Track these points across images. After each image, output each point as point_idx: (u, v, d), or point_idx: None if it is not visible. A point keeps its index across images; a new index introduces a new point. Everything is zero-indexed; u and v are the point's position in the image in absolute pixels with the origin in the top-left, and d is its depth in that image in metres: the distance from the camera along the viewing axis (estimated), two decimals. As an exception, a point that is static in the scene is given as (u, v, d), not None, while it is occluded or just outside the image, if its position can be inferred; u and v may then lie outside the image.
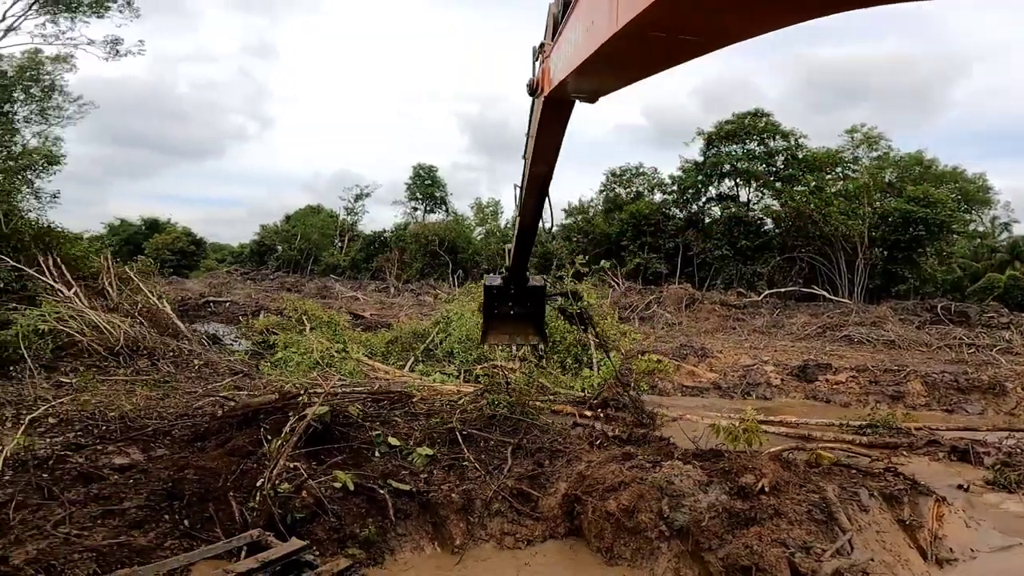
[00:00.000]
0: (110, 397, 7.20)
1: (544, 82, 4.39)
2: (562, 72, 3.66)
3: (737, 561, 4.34)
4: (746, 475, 5.15)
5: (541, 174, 5.72)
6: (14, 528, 4.37)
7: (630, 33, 2.22)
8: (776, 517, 4.73)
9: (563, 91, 3.90)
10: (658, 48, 2.41)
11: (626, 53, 2.61)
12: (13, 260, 10.52)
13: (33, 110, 27.93)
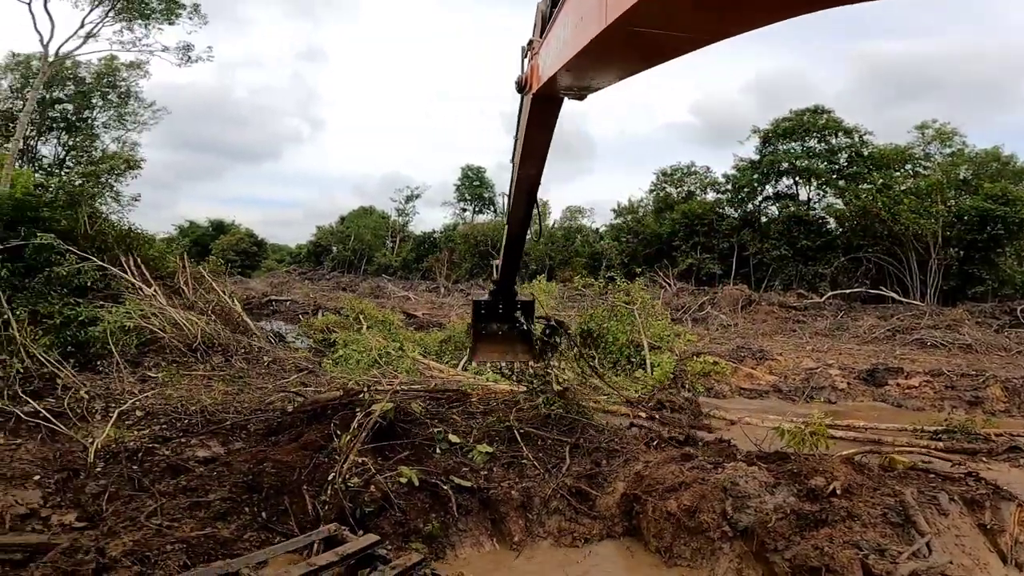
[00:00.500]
0: (191, 392, 7.66)
1: (533, 79, 4.38)
2: (551, 69, 3.65)
3: (806, 562, 4.28)
4: (816, 477, 5.05)
5: (530, 176, 5.60)
6: (107, 519, 4.65)
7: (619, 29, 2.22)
8: (849, 519, 4.62)
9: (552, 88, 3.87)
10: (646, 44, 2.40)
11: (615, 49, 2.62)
12: (98, 260, 11.31)
13: (111, 116, 29.91)
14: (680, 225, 39.36)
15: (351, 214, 65.61)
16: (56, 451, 5.75)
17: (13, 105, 28.31)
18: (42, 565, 3.88)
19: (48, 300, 9.27)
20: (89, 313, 9.27)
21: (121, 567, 3.86)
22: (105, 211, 17.41)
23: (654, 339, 13.02)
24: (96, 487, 5.10)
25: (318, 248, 65.76)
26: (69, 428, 6.22)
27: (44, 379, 7.41)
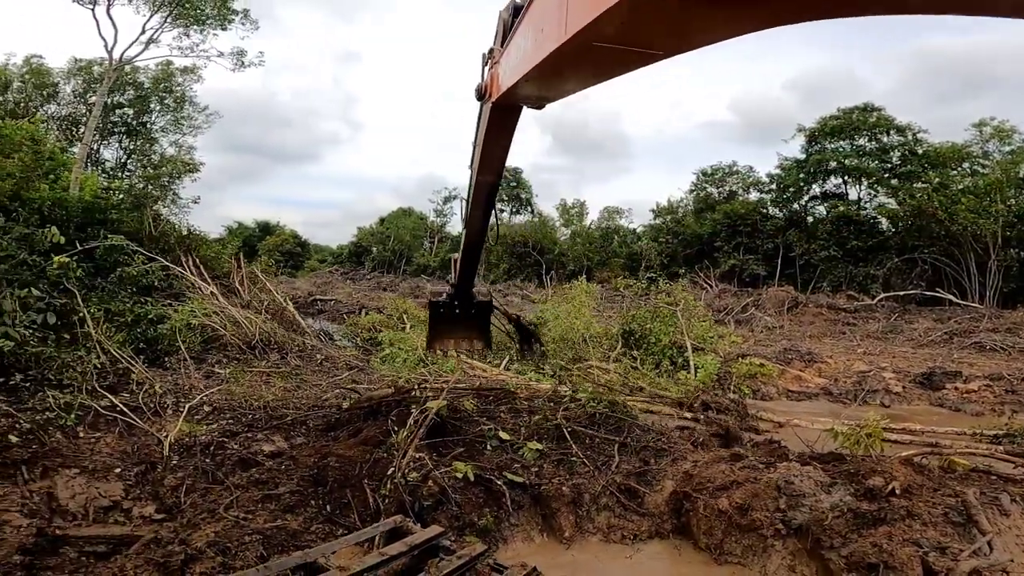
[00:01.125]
0: (252, 388, 8.01)
1: (492, 88, 4.41)
2: (511, 78, 3.68)
3: (863, 558, 4.29)
4: (874, 477, 5.06)
5: (488, 183, 5.66)
6: (186, 511, 4.87)
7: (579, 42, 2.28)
8: (908, 518, 4.62)
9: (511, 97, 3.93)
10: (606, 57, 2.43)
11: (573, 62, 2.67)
12: (164, 260, 11.93)
13: (168, 120, 31.08)
14: (722, 225, 38.64)
15: (390, 215, 66.73)
16: (133, 444, 6.02)
17: (76, 110, 29.84)
18: (132, 557, 4.08)
19: (119, 299, 9.85)
20: (157, 311, 9.80)
21: (205, 558, 4.03)
22: (165, 213, 18.30)
23: (697, 340, 12.88)
24: (173, 480, 5.33)
25: (359, 249, 67.09)
26: (144, 422, 6.52)
27: (118, 375, 7.83)
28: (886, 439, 7.19)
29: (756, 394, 11.68)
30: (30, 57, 28.73)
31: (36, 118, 24.08)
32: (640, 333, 13.02)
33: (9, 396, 6.51)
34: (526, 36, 3.24)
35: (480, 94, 4.67)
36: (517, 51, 3.51)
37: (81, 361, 7.56)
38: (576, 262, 45.26)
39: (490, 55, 4.43)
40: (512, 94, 3.76)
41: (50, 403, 6.41)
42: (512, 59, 3.65)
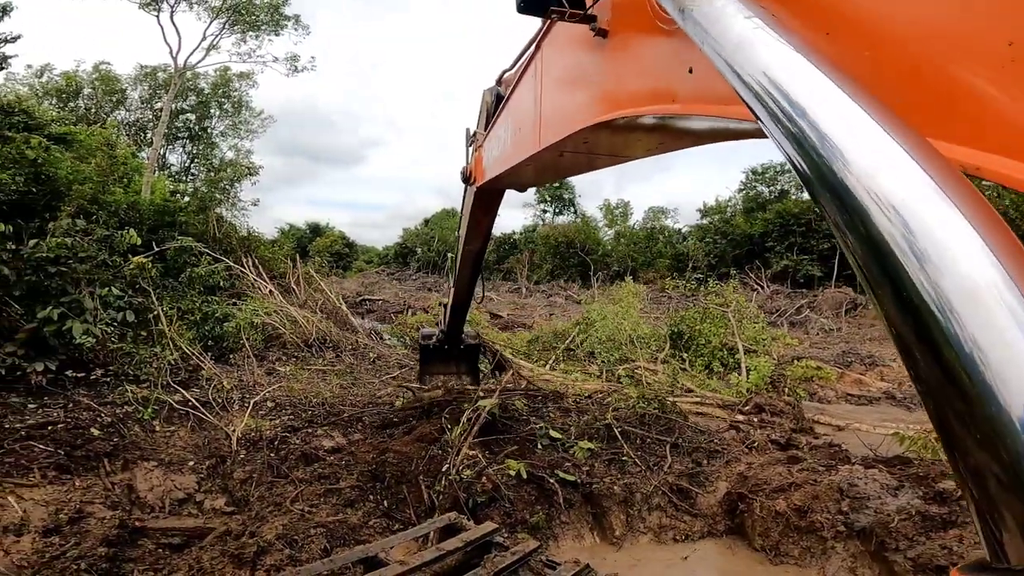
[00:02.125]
0: (310, 384, 8.30)
1: (477, 173, 4.68)
2: (494, 170, 3.99)
3: (931, 560, 4.26)
4: (945, 481, 5.00)
5: (475, 250, 5.87)
6: (254, 504, 5.06)
7: (553, 151, 2.64)
8: None
9: (495, 184, 4.25)
10: (578, 160, 2.83)
11: (550, 164, 3.02)
12: (228, 261, 12.54)
13: (228, 125, 32.45)
14: (774, 225, 37.48)
15: (435, 216, 67.61)
16: (204, 438, 6.27)
17: (143, 115, 31.48)
18: (208, 549, 4.29)
19: (188, 298, 10.41)
20: (223, 310, 10.30)
21: (275, 550, 4.18)
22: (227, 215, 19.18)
23: (749, 342, 12.57)
24: (242, 473, 5.55)
25: (404, 249, 68.25)
26: (213, 417, 6.78)
27: (189, 370, 8.24)
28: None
29: (812, 397, 11.34)
30: (99, 64, 30.36)
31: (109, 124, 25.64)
32: (689, 334, 12.82)
33: (91, 390, 6.94)
34: (506, 128, 3.57)
35: (465, 178, 4.98)
36: (498, 143, 3.84)
37: (156, 357, 8.02)
38: (620, 263, 44.76)
39: (474, 137, 4.70)
40: (496, 182, 4.11)
41: (129, 397, 6.81)
42: (494, 151, 3.99)
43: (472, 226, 5.39)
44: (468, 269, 6.18)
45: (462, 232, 5.81)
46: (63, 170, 10.75)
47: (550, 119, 2.60)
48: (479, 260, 6.04)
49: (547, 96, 2.66)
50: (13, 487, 4.70)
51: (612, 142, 2.39)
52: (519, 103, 3.15)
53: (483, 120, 4.44)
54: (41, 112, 12.02)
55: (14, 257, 7.01)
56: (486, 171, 4.29)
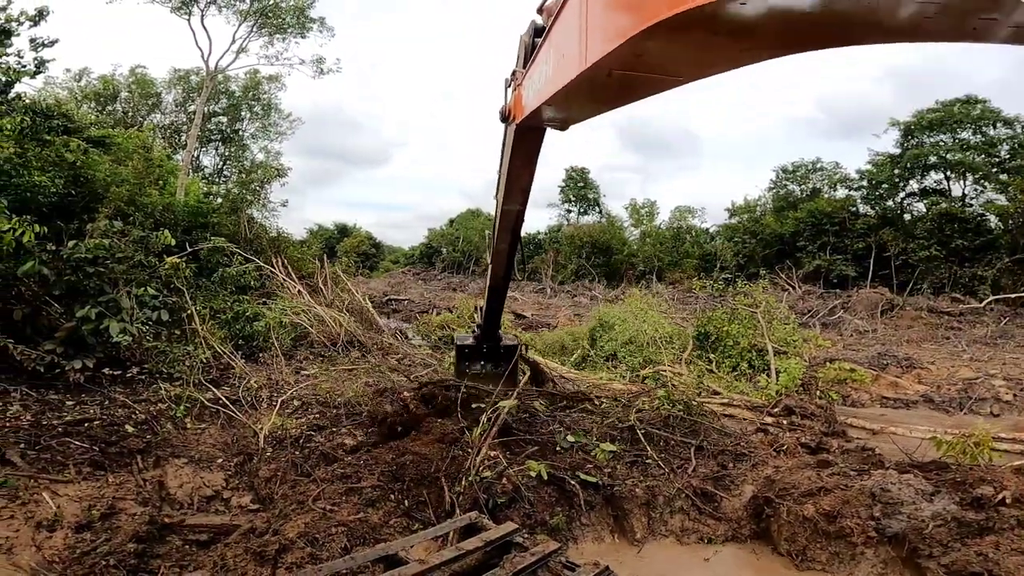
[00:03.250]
0: (336, 383, 8.40)
1: (516, 110, 4.37)
2: (534, 102, 3.67)
3: (966, 567, 4.15)
4: (983, 486, 4.85)
5: (514, 211, 5.46)
6: (278, 502, 5.12)
7: (599, 70, 2.30)
8: (1019, 527, 4.42)
9: (535, 119, 3.89)
10: (627, 83, 2.46)
11: (595, 88, 2.69)
12: (258, 261, 12.81)
13: (258, 127, 32.91)
14: (805, 224, 36.66)
15: (459, 217, 67.94)
16: (233, 436, 6.38)
17: (177, 119, 32.25)
18: (232, 546, 4.36)
19: (220, 297, 10.66)
20: (253, 309, 10.53)
21: (296, 548, 4.22)
22: (257, 216, 19.58)
23: (779, 343, 12.29)
24: (267, 471, 5.62)
25: (429, 250, 68.74)
26: (242, 414, 6.91)
27: (220, 369, 8.42)
28: (995, 448, 6.75)
29: (846, 400, 11.04)
30: (135, 68, 31.22)
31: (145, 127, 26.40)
32: (716, 335, 12.60)
33: (126, 388, 7.13)
34: (548, 60, 3.28)
35: (504, 116, 4.70)
36: (540, 75, 3.55)
37: (189, 356, 8.22)
38: (647, 263, 44.30)
39: (513, 77, 4.46)
40: (535, 116, 3.79)
41: (162, 395, 6.98)
42: (535, 82, 3.71)
43: (511, 176, 5.05)
44: (507, 237, 5.84)
45: (500, 189, 5.47)
46: (101, 173, 11.11)
47: (597, 29, 2.30)
48: (518, 225, 5.67)
49: (594, 4, 2.36)
50: (49, 483, 4.82)
51: (667, 53, 2.03)
52: (563, 27, 2.87)
53: (521, 60, 4.25)
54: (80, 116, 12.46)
55: (54, 258, 7.26)
56: (526, 107, 4.02)
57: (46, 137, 9.72)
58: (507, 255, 6.09)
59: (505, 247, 5.98)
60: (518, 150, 4.68)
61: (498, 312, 7.05)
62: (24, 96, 10.41)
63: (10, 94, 9.44)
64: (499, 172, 5.55)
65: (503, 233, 5.81)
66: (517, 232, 5.81)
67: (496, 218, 5.83)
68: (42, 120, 9.90)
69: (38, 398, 6.43)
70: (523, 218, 5.57)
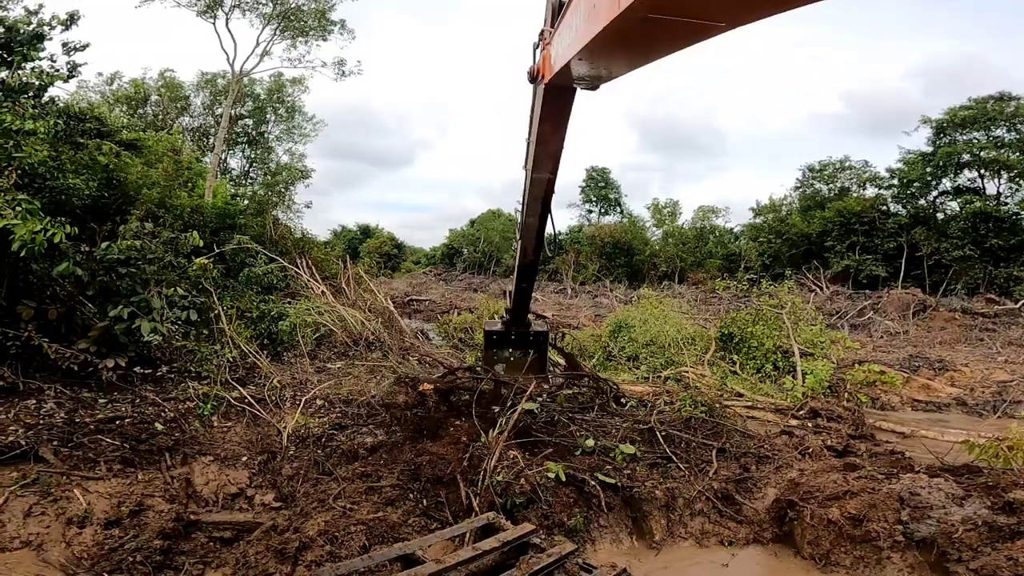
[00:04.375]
0: (357, 383, 8.49)
1: (545, 69, 4.18)
2: (563, 57, 3.47)
3: (995, 572, 4.09)
4: (1016, 491, 4.76)
5: (544, 180, 5.19)
6: (299, 500, 5.18)
7: (633, 15, 2.13)
8: None
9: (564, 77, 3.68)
10: (660, 31, 2.28)
11: (628, 36, 2.49)
12: (283, 262, 13.04)
13: (282, 129, 33.34)
14: (833, 224, 35.92)
15: (480, 217, 68.07)
16: (257, 434, 6.45)
17: (205, 121, 32.89)
18: (254, 543, 4.44)
19: (246, 297, 10.88)
20: (278, 309, 10.72)
21: (316, 546, 4.26)
22: (282, 218, 19.91)
23: (806, 345, 12.05)
24: (290, 469, 5.69)
25: (451, 250, 69.00)
26: (267, 413, 7.00)
27: (246, 368, 8.57)
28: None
29: (875, 403, 10.79)
30: (164, 71, 31.79)
31: (175, 130, 27.02)
32: (740, 336, 12.40)
33: (156, 386, 7.31)
34: (577, 13, 3.11)
35: (532, 76, 4.52)
36: (569, 30, 3.38)
37: (216, 355, 8.40)
38: (669, 263, 43.83)
39: (540, 37, 4.31)
40: (565, 74, 3.59)
41: (191, 393, 7.14)
42: (564, 38, 3.53)
43: (540, 141, 4.85)
44: (537, 209, 5.56)
45: (529, 156, 5.24)
46: (133, 175, 11.42)
47: None
48: (548, 195, 5.40)
49: None
50: (80, 480, 4.93)
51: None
52: None
53: (549, 18, 4.13)
54: (112, 119, 12.78)
55: (87, 259, 7.49)
56: (555, 64, 3.83)
57: (79, 140, 10.00)
58: (537, 229, 5.82)
59: (535, 220, 5.69)
60: (547, 112, 4.52)
61: (527, 294, 6.75)
62: (58, 100, 10.72)
63: (44, 98, 9.72)
64: (528, 139, 5.34)
65: (533, 203, 5.55)
66: (547, 203, 5.52)
67: (525, 188, 5.58)
68: (75, 124, 10.18)
69: (72, 396, 6.62)
70: (553, 188, 5.33)
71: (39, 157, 7.66)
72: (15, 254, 6.47)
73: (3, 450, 5.04)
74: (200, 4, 22.28)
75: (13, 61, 9.09)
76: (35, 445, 5.20)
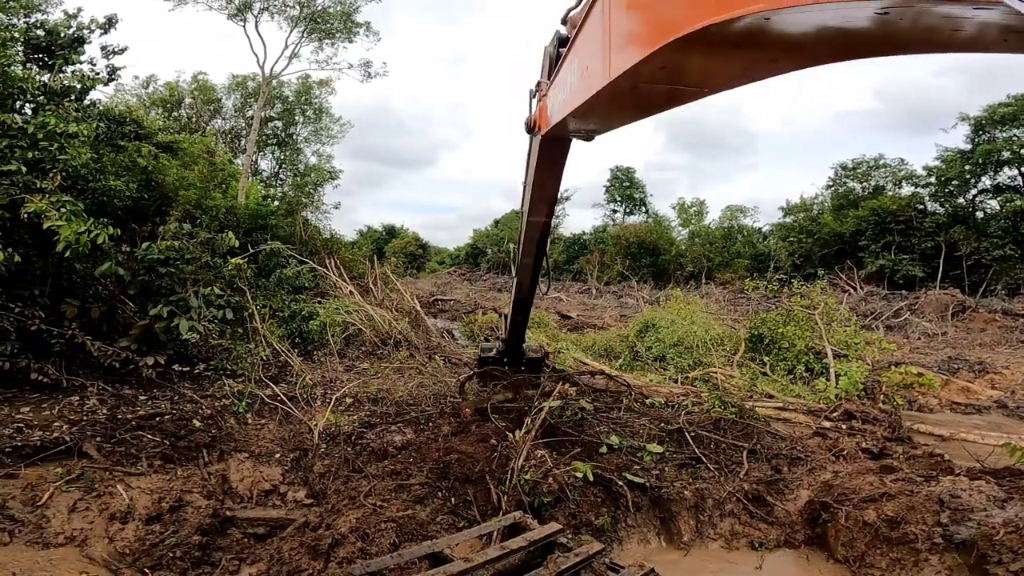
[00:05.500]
0: (385, 381, 8.58)
1: (541, 121, 4.31)
2: (559, 113, 3.62)
3: None
4: None
5: (540, 223, 5.33)
6: (330, 497, 5.25)
7: (624, 83, 2.25)
8: None
9: (560, 130, 3.84)
10: (653, 95, 2.40)
11: (621, 100, 2.63)
12: (312, 262, 13.28)
13: (310, 131, 33.76)
14: (867, 223, 34.97)
15: (504, 217, 68.08)
16: (290, 432, 6.54)
17: (237, 124, 33.56)
18: (288, 539, 4.52)
19: (278, 297, 11.11)
20: (309, 308, 10.92)
21: (347, 543, 4.32)
22: (311, 219, 20.25)
23: (839, 346, 11.76)
24: (321, 466, 5.76)
25: (475, 250, 69.17)
26: (299, 411, 7.10)
27: (279, 366, 8.73)
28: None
29: (912, 405, 10.52)
30: (197, 74, 32.36)
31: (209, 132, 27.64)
32: (771, 337, 12.16)
33: (194, 384, 7.52)
34: (572, 71, 3.25)
35: (529, 127, 4.66)
36: (564, 86, 3.52)
37: (250, 353, 8.59)
38: (695, 263, 43.23)
39: (537, 88, 4.45)
40: (561, 127, 3.77)
41: (226, 391, 7.31)
42: (560, 93, 3.68)
43: (537, 187, 5.01)
44: (533, 251, 5.77)
45: (526, 201, 5.43)
46: (170, 177, 11.75)
47: (620, 41, 2.26)
48: (544, 237, 5.60)
49: (617, 14, 2.32)
50: (123, 475, 5.08)
51: (696, 65, 1.99)
52: (586, 39, 2.83)
53: (546, 71, 4.26)
54: (150, 122, 13.16)
55: (128, 259, 7.74)
56: (551, 117, 3.98)
57: (119, 143, 10.32)
58: (532, 269, 5.99)
59: (530, 261, 5.86)
60: (543, 161, 4.67)
61: (522, 328, 6.89)
62: (98, 103, 11.05)
63: (85, 101, 10.03)
64: (524, 184, 5.52)
65: (529, 245, 5.72)
66: (543, 245, 5.70)
67: (521, 231, 5.76)
68: (115, 126, 10.50)
69: (113, 393, 6.85)
70: (548, 231, 5.51)
71: (82, 160, 7.94)
72: (59, 254, 6.72)
73: (48, 446, 5.23)
74: (231, 7, 22.76)
75: (55, 64, 9.43)
76: (79, 441, 5.37)
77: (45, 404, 6.36)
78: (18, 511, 4.45)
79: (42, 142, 7.31)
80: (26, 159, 7.15)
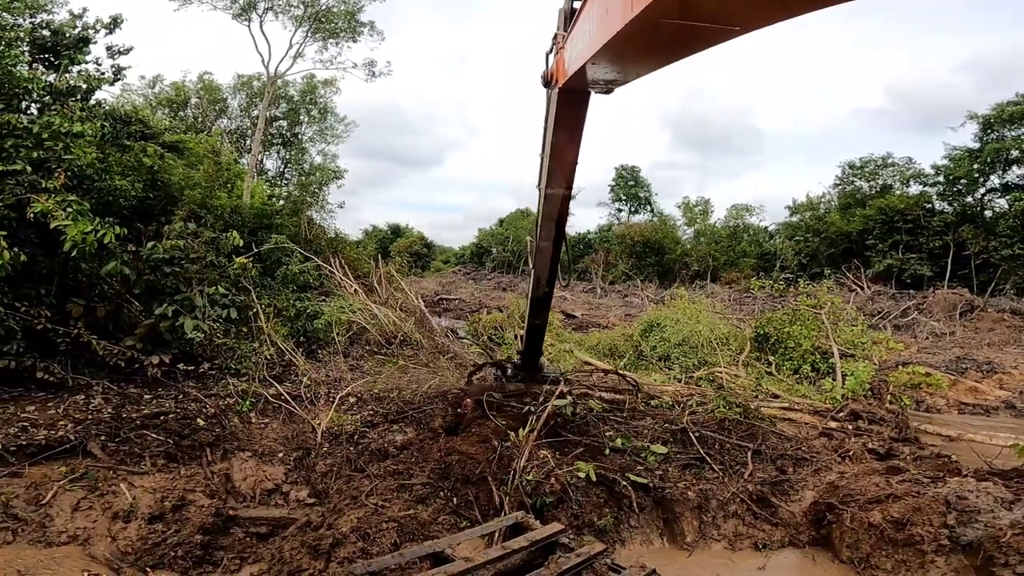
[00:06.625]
0: (389, 380, 8.57)
1: (559, 73, 4.13)
2: (577, 62, 3.45)
3: None
4: None
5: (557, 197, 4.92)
6: (332, 497, 5.23)
7: (645, 20, 2.12)
8: None
9: (578, 81, 3.65)
10: (673, 35, 2.27)
11: (641, 40, 2.48)
12: (317, 261, 13.30)
13: (315, 131, 33.89)
14: (875, 222, 34.81)
15: (509, 217, 68.10)
16: (293, 431, 6.49)
17: (242, 123, 33.59)
18: (289, 539, 4.52)
19: (283, 296, 11.11)
20: (314, 307, 10.93)
21: (348, 542, 4.31)
22: (316, 218, 20.28)
23: (846, 346, 11.69)
24: (324, 466, 5.75)
25: (480, 250, 69.20)
26: (302, 410, 7.09)
27: (283, 365, 8.73)
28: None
29: (920, 406, 10.43)
30: (203, 74, 32.63)
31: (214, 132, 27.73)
32: (776, 337, 12.10)
33: (198, 383, 7.52)
34: (590, 18, 3.12)
35: (546, 80, 4.41)
36: (582, 35, 3.36)
37: (254, 352, 8.59)
38: (701, 262, 43.09)
39: (554, 41, 4.28)
40: (579, 77, 3.55)
41: (231, 390, 7.31)
42: (578, 42, 3.51)
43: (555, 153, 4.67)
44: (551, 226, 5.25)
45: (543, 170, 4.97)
46: (176, 177, 11.77)
47: None
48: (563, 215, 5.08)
49: None
50: (127, 474, 5.09)
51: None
52: None
53: (562, 24, 4.12)
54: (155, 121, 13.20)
55: (134, 258, 7.75)
56: (568, 68, 3.80)
57: (125, 143, 10.36)
58: (551, 255, 5.42)
59: (548, 245, 5.32)
60: (561, 118, 4.40)
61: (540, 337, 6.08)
62: (104, 103, 11.08)
63: (91, 101, 10.06)
64: (541, 154, 5.09)
65: (547, 224, 5.19)
66: (562, 224, 5.18)
67: (539, 208, 5.27)
68: (121, 126, 10.54)
69: (118, 391, 6.87)
70: (568, 207, 5.02)
71: (87, 159, 7.96)
72: (66, 254, 6.75)
73: (53, 444, 5.23)
74: (235, 7, 22.82)
75: (60, 64, 9.47)
76: (84, 440, 5.38)
77: (50, 403, 6.38)
78: (22, 510, 4.46)
79: (47, 142, 7.34)
80: (31, 159, 7.17)
